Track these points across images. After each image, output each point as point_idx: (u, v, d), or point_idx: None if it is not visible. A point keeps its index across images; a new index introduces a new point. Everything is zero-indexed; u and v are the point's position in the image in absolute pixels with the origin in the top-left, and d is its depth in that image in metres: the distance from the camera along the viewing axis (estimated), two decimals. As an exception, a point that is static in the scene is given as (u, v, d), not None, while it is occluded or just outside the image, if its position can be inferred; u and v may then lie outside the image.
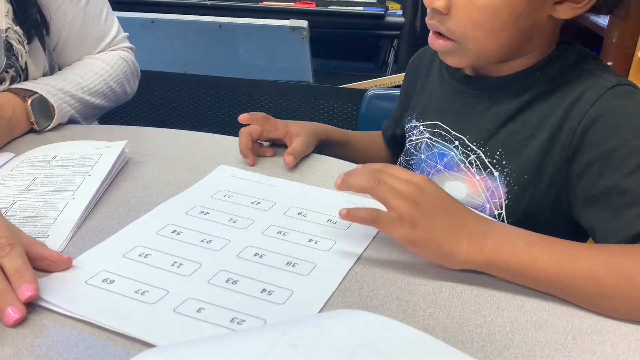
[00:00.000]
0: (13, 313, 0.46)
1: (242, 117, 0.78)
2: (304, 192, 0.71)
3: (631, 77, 1.70)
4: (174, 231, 0.61)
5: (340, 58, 2.40)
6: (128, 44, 1.06)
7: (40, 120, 0.84)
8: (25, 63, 0.87)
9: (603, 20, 1.87)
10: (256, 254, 0.58)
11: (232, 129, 1.78)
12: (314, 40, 1.80)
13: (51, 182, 0.68)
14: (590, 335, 0.49)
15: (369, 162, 0.64)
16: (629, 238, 0.59)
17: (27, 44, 0.86)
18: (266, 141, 0.82)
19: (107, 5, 1.02)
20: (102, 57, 0.99)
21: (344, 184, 0.58)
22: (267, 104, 1.76)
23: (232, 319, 0.48)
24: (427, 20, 0.71)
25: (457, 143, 0.76)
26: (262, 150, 0.80)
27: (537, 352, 0.47)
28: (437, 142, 0.79)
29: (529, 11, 0.66)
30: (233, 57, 1.88)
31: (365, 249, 0.60)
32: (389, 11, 2.14)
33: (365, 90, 1.22)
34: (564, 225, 0.70)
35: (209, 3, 2.07)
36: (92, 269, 0.54)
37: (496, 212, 0.72)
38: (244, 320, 0.48)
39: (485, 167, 0.73)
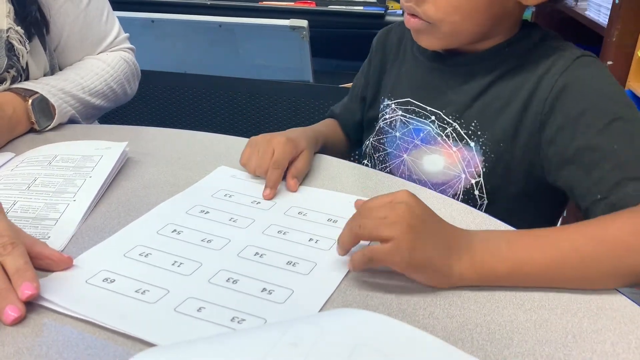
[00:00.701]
0: (12, 312, 0.46)
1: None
2: (304, 192, 0.71)
3: (631, 76, 1.70)
4: (175, 230, 0.61)
5: (340, 57, 2.40)
6: (129, 45, 1.06)
7: (41, 120, 0.84)
8: (27, 63, 0.87)
9: (603, 20, 1.86)
10: (256, 253, 0.58)
11: (232, 128, 1.79)
12: (314, 39, 1.80)
13: (52, 182, 0.68)
14: (590, 334, 0.49)
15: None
16: (604, 191, 0.63)
17: (28, 43, 0.86)
18: None
19: (108, 7, 1.02)
20: (102, 58, 0.99)
21: (342, 250, 0.56)
22: (267, 103, 1.76)
23: (233, 318, 0.48)
24: (403, 2, 0.73)
25: (433, 118, 0.80)
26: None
27: (537, 351, 0.47)
28: (412, 118, 0.82)
29: None
30: (233, 56, 1.88)
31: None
32: (389, 10, 2.14)
33: (365, 90, 1.22)
34: (539, 192, 0.75)
35: (209, 3, 2.08)
36: (92, 269, 0.54)
37: (473, 181, 0.76)
38: (244, 320, 0.48)
39: (462, 139, 0.77)
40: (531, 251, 0.54)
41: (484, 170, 0.76)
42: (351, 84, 1.04)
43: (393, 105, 0.85)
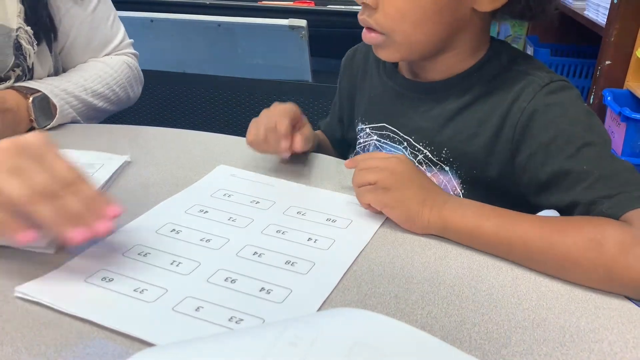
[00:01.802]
0: (103, 227, 0.51)
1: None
2: (303, 191, 0.72)
3: (630, 76, 1.70)
4: (173, 230, 0.61)
5: (339, 57, 2.39)
6: (132, 50, 1.07)
7: (40, 119, 0.84)
8: (32, 63, 0.88)
9: (601, 19, 1.87)
10: (255, 252, 0.58)
11: (231, 128, 1.78)
12: (313, 39, 1.80)
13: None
14: (587, 333, 0.49)
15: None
16: (582, 210, 0.64)
17: (36, 44, 0.87)
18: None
19: (114, 12, 1.03)
20: (106, 61, 0.99)
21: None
22: (266, 103, 1.75)
23: (231, 318, 0.48)
24: (359, 16, 0.74)
25: (405, 144, 0.79)
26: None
27: (534, 350, 0.47)
28: (386, 143, 0.82)
29: (451, 3, 0.69)
30: (232, 56, 1.88)
31: (364, 248, 0.60)
32: (388, 10, 2.14)
33: (364, 90, 1.22)
34: (524, 207, 0.71)
35: (208, 2, 2.07)
36: (91, 268, 0.54)
37: None
38: (242, 320, 0.48)
39: (435, 164, 0.77)
40: (489, 222, 0.60)
41: (462, 192, 0.76)
42: None
43: (368, 130, 0.85)
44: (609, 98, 1.69)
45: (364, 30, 0.74)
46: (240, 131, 0.79)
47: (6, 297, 0.50)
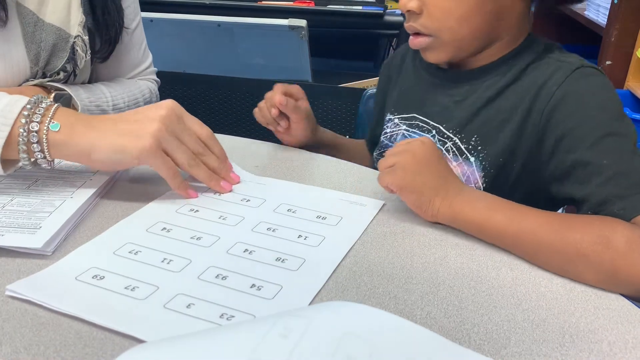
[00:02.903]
0: (226, 186, 0.70)
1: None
2: (294, 189, 0.72)
3: (630, 76, 1.70)
4: (164, 228, 0.61)
5: (339, 57, 2.40)
6: (156, 78, 1.09)
7: None
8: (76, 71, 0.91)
9: (602, 20, 1.87)
10: (246, 250, 0.58)
11: (230, 127, 1.78)
12: (313, 39, 1.80)
13: (52, 183, 0.68)
14: (587, 334, 0.49)
15: None
16: (593, 207, 0.64)
17: (89, 52, 0.90)
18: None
19: (146, 40, 1.06)
20: (134, 83, 1.01)
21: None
22: (266, 103, 1.76)
23: (222, 315, 0.48)
24: (405, 24, 0.78)
25: (434, 132, 0.80)
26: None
27: (534, 351, 0.47)
28: (414, 132, 0.83)
29: None
30: (232, 56, 1.88)
31: (354, 244, 0.60)
32: (387, 10, 2.14)
33: (364, 90, 1.23)
34: (540, 204, 0.71)
35: (207, 2, 2.07)
36: (82, 266, 0.54)
37: None
38: (233, 316, 0.48)
39: (462, 153, 0.77)
40: (500, 215, 0.61)
41: (483, 185, 0.76)
42: (350, 83, 1.07)
43: (396, 120, 0.86)
44: (609, 98, 1.69)
45: (410, 37, 0.77)
46: (240, 131, 0.80)
47: (5, 297, 0.50)
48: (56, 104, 0.64)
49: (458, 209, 0.62)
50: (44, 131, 0.62)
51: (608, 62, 1.76)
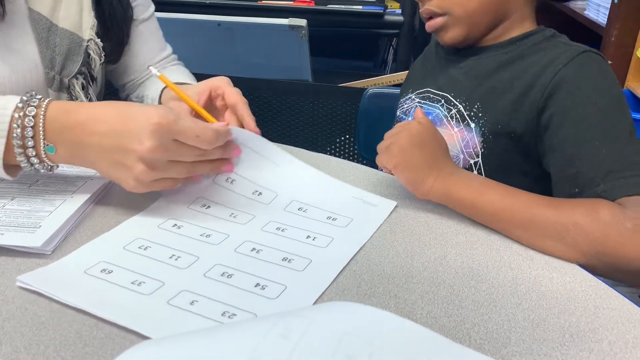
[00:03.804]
0: (227, 168, 0.67)
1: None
2: (308, 176, 0.71)
3: (630, 76, 1.70)
4: (175, 225, 0.62)
5: (339, 57, 2.40)
6: (180, 62, 1.09)
7: None
8: (96, 73, 0.91)
9: (602, 19, 1.87)
10: (253, 249, 0.58)
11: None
12: (313, 38, 1.80)
13: (53, 183, 0.68)
14: (587, 333, 0.49)
15: None
16: (578, 186, 0.68)
17: (104, 55, 0.90)
18: None
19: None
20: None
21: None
22: (266, 102, 1.76)
23: (224, 313, 0.48)
24: (420, 11, 0.84)
25: (442, 101, 0.86)
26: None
27: (534, 350, 0.47)
28: (425, 103, 0.89)
29: None
30: (232, 55, 1.88)
31: (361, 248, 0.60)
32: (388, 10, 2.14)
33: (364, 89, 1.23)
34: (538, 173, 0.78)
35: (207, 2, 2.07)
36: (92, 259, 0.55)
37: (472, 161, 0.82)
38: (235, 314, 0.48)
39: (464, 119, 0.82)
40: (492, 194, 0.64)
41: (482, 151, 0.80)
42: (350, 83, 1.10)
43: (413, 96, 0.93)
44: (609, 98, 1.69)
45: (427, 22, 0.84)
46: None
47: (5, 296, 0.50)
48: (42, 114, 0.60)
49: (452, 186, 0.65)
50: (42, 155, 0.61)
51: (608, 62, 1.76)
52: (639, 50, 1.67)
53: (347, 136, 1.71)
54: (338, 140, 1.73)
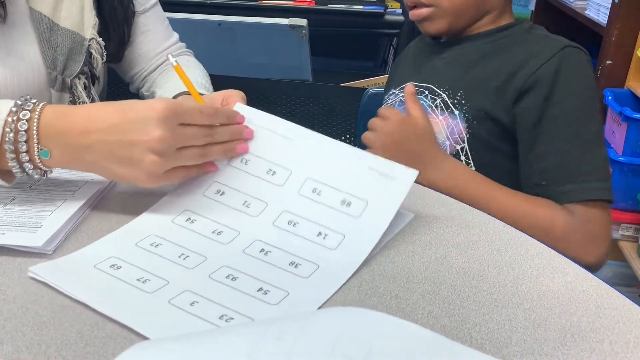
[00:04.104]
0: (242, 149, 0.65)
1: None
2: (320, 148, 0.66)
3: (630, 76, 1.70)
4: (189, 219, 0.61)
5: (339, 56, 2.40)
6: (187, 50, 1.09)
7: None
8: (98, 73, 0.91)
9: (602, 19, 1.87)
10: (262, 250, 0.58)
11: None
12: (314, 38, 1.80)
13: (54, 183, 0.68)
14: (588, 333, 0.49)
15: None
16: (544, 180, 0.77)
17: (105, 54, 0.91)
18: None
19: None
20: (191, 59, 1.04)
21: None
22: (266, 102, 1.76)
23: (221, 316, 0.48)
24: (405, 1, 0.89)
25: (426, 92, 0.89)
26: None
27: (535, 350, 0.47)
28: None
29: None
30: (232, 55, 1.88)
31: (370, 253, 0.58)
32: (388, 9, 2.14)
33: (364, 89, 1.23)
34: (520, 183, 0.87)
35: (208, 1, 2.07)
36: (103, 254, 0.55)
37: (458, 147, 0.86)
38: (232, 318, 0.48)
39: (447, 107, 0.87)
40: (470, 181, 0.78)
41: (467, 136, 0.85)
42: (351, 82, 1.13)
43: (397, 92, 0.96)
44: (609, 98, 1.69)
45: (412, 10, 0.87)
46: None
47: (7, 296, 0.50)
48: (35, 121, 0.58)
49: (450, 175, 0.77)
50: (36, 160, 0.59)
51: (608, 62, 1.75)
52: (640, 50, 1.67)
53: (348, 136, 1.71)
54: (338, 140, 1.73)
